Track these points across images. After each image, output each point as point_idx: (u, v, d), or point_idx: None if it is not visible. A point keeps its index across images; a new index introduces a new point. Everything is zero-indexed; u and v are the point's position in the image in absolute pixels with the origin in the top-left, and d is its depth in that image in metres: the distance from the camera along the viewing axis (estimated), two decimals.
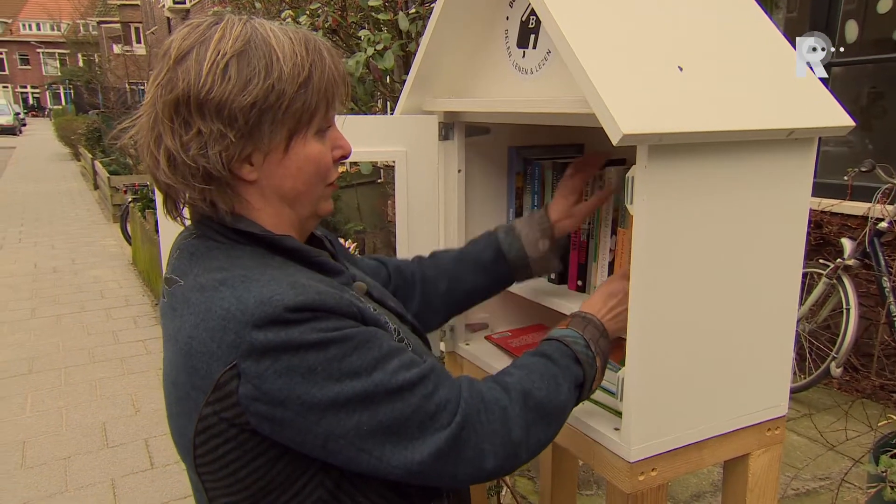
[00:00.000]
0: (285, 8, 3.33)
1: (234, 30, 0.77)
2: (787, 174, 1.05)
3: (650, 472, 1.05)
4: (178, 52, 0.77)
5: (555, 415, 0.88)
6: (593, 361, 0.96)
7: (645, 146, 0.91)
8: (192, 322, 0.74)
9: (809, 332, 3.80)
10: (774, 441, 1.17)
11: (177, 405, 0.78)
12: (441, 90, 1.36)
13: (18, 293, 5.88)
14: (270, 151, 0.80)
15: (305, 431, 0.73)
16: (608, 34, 0.98)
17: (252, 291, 0.73)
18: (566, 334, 0.98)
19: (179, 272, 0.81)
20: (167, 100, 0.76)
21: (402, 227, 1.36)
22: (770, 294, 1.10)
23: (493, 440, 0.80)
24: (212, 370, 0.72)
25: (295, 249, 0.84)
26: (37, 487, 2.93)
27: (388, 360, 0.76)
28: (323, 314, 0.74)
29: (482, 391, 0.83)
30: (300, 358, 0.71)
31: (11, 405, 3.72)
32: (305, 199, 0.85)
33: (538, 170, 1.40)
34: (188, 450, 0.78)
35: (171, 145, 0.77)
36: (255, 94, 0.76)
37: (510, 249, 1.15)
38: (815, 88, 1.07)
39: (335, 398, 0.72)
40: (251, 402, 0.71)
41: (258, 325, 0.70)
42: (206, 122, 0.76)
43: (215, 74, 0.75)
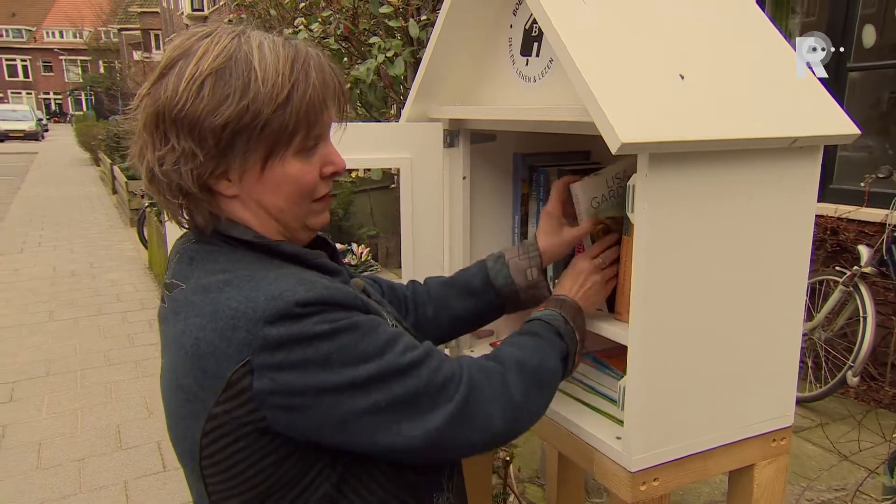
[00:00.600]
0: (299, 15, 3.36)
1: (220, 44, 0.76)
2: (792, 182, 1.04)
3: (652, 481, 1.04)
4: (166, 63, 0.77)
5: (547, 381, 0.94)
6: (573, 335, 1.01)
7: (645, 155, 0.91)
8: (198, 324, 0.75)
9: (825, 341, 3.75)
10: (780, 452, 1.16)
11: (183, 408, 0.79)
12: (446, 97, 1.37)
13: (38, 296, 5.97)
14: (246, 171, 0.80)
15: (324, 416, 0.75)
16: (609, 43, 0.98)
17: (261, 290, 0.74)
18: (545, 314, 1.03)
19: (180, 276, 0.82)
20: (149, 112, 0.77)
21: (407, 233, 1.37)
22: (775, 303, 1.09)
23: (497, 402, 0.85)
24: (222, 369, 0.73)
25: (292, 254, 0.84)
26: (51, 488, 2.97)
27: (396, 342, 0.80)
28: (331, 307, 0.76)
29: (480, 363, 0.89)
30: (314, 349, 0.73)
31: (28, 407, 3.77)
32: (289, 214, 0.84)
33: (543, 177, 1.40)
34: (192, 452, 0.78)
35: (150, 158, 0.78)
36: (228, 115, 0.75)
37: (497, 276, 1.13)
38: (819, 96, 1.06)
39: (352, 381, 0.75)
40: (267, 395, 0.73)
41: (270, 321, 0.72)
42: (179, 139, 0.76)
43: (190, 91, 0.75)
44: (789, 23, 4.67)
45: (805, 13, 4.64)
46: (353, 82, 2.57)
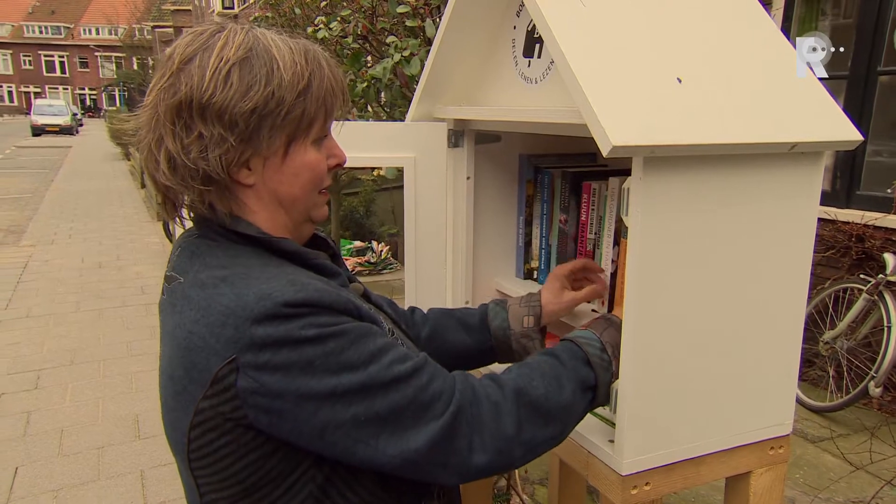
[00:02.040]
0: (321, 14, 3.39)
1: (237, 38, 0.80)
2: (791, 189, 1.02)
3: (643, 486, 1.03)
4: (182, 58, 0.79)
5: (553, 414, 0.87)
6: (609, 365, 0.94)
7: (640, 158, 0.91)
8: (191, 318, 0.77)
9: (847, 350, 3.67)
10: (778, 460, 1.15)
11: (173, 399, 0.80)
12: (451, 98, 1.37)
13: (66, 287, 6.12)
14: (269, 157, 0.83)
15: (303, 423, 0.75)
16: (607, 45, 0.98)
17: (252, 288, 0.75)
18: (581, 335, 0.97)
19: (180, 270, 0.84)
20: (170, 103, 0.79)
21: (410, 233, 1.38)
22: (774, 310, 1.07)
23: (483, 433, 0.81)
24: (210, 364, 0.74)
25: (293, 252, 0.86)
26: (71, 475, 3.04)
27: (384, 353, 0.78)
28: (320, 310, 0.76)
29: (475, 385, 0.85)
30: (299, 352, 0.73)
31: (52, 395, 3.87)
32: (300, 204, 0.87)
33: (548, 178, 1.40)
34: (182, 444, 0.80)
35: (172, 148, 0.79)
36: (256, 100, 0.78)
37: (495, 318, 1.15)
38: (821, 100, 1.04)
39: (333, 390, 0.74)
40: (250, 394, 0.73)
41: (257, 321, 0.73)
42: (208, 125, 0.78)
43: (218, 80, 0.77)
44: (819, 25, 4.59)
45: (835, 15, 4.55)
46: (370, 81, 2.59)
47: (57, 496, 2.89)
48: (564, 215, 1.37)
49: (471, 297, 1.47)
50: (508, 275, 1.52)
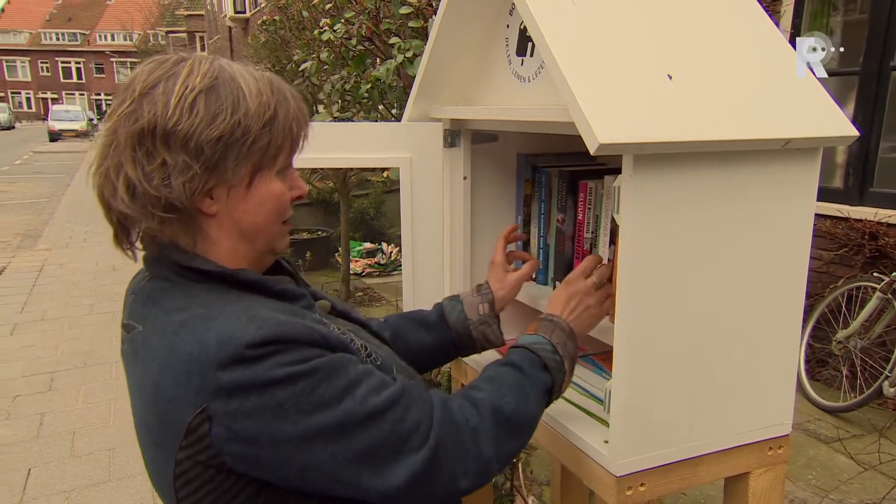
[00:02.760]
0: (326, 17, 3.40)
1: (203, 67, 0.79)
2: (787, 186, 1.01)
3: (639, 486, 1.02)
4: (145, 85, 0.78)
5: (524, 426, 0.90)
6: (561, 366, 0.97)
7: (630, 156, 0.90)
8: (156, 369, 0.75)
9: (861, 349, 3.63)
10: (777, 461, 1.13)
11: (153, 449, 0.79)
12: (447, 98, 1.37)
13: (80, 290, 6.19)
14: (234, 186, 0.81)
15: (281, 466, 0.74)
16: (597, 43, 0.97)
17: (212, 331, 0.73)
18: (534, 341, 0.98)
19: (137, 317, 0.82)
20: (131, 130, 0.77)
21: (407, 234, 1.38)
22: (771, 308, 1.06)
23: (465, 459, 0.82)
24: (182, 415, 0.73)
25: (253, 282, 0.83)
26: (82, 476, 3.08)
27: (356, 386, 0.77)
28: (287, 346, 0.74)
29: (453, 410, 0.84)
30: (269, 396, 0.72)
31: (66, 397, 3.92)
32: (263, 235, 0.86)
33: (545, 177, 1.40)
34: (169, 493, 0.79)
35: (132, 174, 0.77)
36: (222, 129, 0.77)
37: (451, 311, 1.18)
38: (817, 96, 1.03)
39: (306, 431, 0.73)
40: (225, 442, 0.73)
41: (222, 366, 0.71)
42: (172, 153, 0.76)
43: (183, 107, 0.76)
44: (830, 21, 4.53)
45: (847, 11, 4.49)
46: (374, 82, 2.59)
47: (69, 497, 2.92)
48: (562, 215, 1.36)
49: None
50: None
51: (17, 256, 7.54)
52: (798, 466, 3.10)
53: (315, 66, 3.14)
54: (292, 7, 5.04)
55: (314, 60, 3.12)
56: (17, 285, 6.35)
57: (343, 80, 2.94)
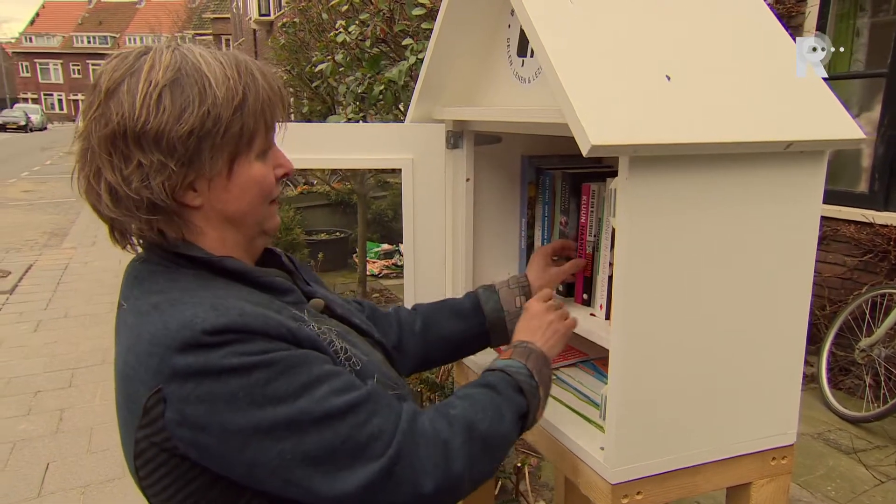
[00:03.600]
0: (342, 19, 3.42)
1: (164, 59, 0.77)
2: (790, 190, 0.98)
3: (635, 495, 1.01)
4: (109, 85, 0.76)
5: (497, 446, 0.86)
6: (536, 391, 0.94)
7: (626, 158, 0.88)
8: (126, 346, 0.76)
9: (885, 358, 3.53)
10: (780, 471, 1.10)
11: (122, 428, 0.79)
12: (449, 99, 1.37)
13: (103, 288, 6.29)
14: (214, 177, 0.80)
15: (230, 458, 0.72)
16: (595, 44, 0.96)
17: (176, 315, 0.73)
18: (509, 364, 0.95)
19: (124, 296, 0.82)
20: (103, 134, 0.76)
21: (409, 236, 1.37)
22: (774, 315, 1.03)
23: (432, 473, 0.78)
24: (139, 395, 0.72)
25: (236, 271, 0.83)
26: (98, 472, 3.12)
27: (316, 385, 0.74)
28: (246, 336, 0.72)
29: (423, 423, 0.81)
30: (222, 383, 0.70)
31: (84, 393, 3.98)
32: (251, 219, 0.85)
33: (549, 180, 1.38)
34: (134, 472, 0.78)
35: (111, 179, 0.76)
36: (192, 122, 0.75)
37: (487, 301, 1.17)
38: (822, 97, 1.00)
39: (257, 425, 0.71)
40: (176, 427, 0.71)
41: (179, 350, 0.70)
42: (146, 153, 0.75)
43: (149, 105, 0.74)
44: (857, 21, 4.44)
45: (875, 12, 4.39)
46: (387, 84, 2.60)
47: (84, 493, 2.96)
48: (565, 217, 1.34)
49: None
50: None
51: (43, 255, 7.70)
52: (817, 477, 3.03)
53: (331, 68, 3.16)
54: (312, 10, 5.08)
55: (330, 62, 3.14)
56: (43, 283, 6.48)
57: (357, 81, 2.95)
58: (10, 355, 4.57)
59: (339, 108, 3.78)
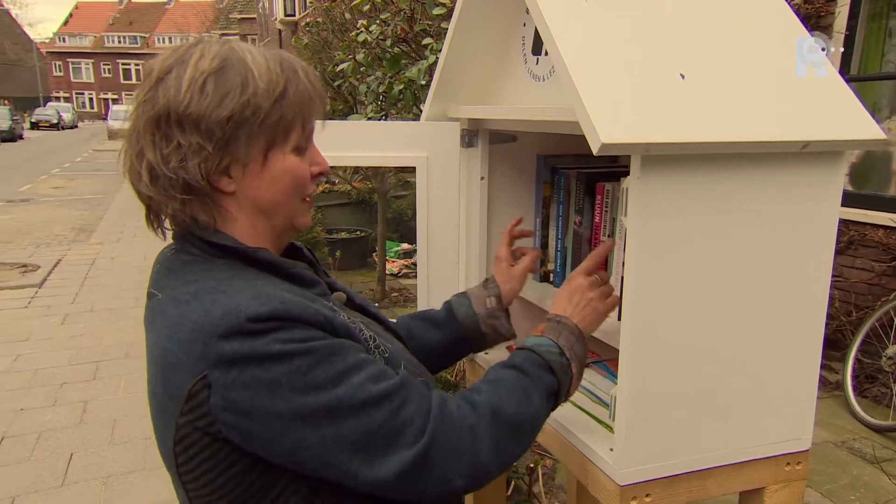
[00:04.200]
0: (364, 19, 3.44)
1: (213, 50, 0.81)
2: (806, 190, 0.97)
3: (644, 497, 1.00)
4: (160, 71, 0.81)
5: (526, 428, 0.88)
6: (568, 369, 0.94)
7: (637, 157, 0.88)
8: (166, 334, 0.78)
9: None
10: (795, 477, 1.08)
11: (158, 416, 0.81)
12: (465, 97, 1.37)
13: (128, 283, 6.41)
14: (248, 163, 0.83)
15: (272, 442, 0.75)
16: (608, 42, 0.95)
17: (218, 303, 0.75)
18: (539, 343, 0.96)
19: (158, 286, 0.85)
20: (149, 116, 0.80)
21: (422, 234, 1.38)
22: (789, 318, 1.02)
23: (460, 460, 0.81)
24: (184, 381, 0.74)
25: (269, 261, 0.85)
26: (120, 463, 3.18)
27: (354, 372, 0.77)
28: (288, 324, 0.75)
29: (451, 410, 0.83)
30: (265, 369, 0.73)
31: (108, 386, 4.05)
32: (282, 210, 0.87)
33: (564, 179, 1.38)
34: (170, 459, 0.80)
35: (152, 158, 0.80)
36: (232, 108, 0.79)
37: (460, 307, 1.18)
38: (840, 97, 0.98)
39: (299, 410, 0.74)
40: (220, 412, 0.74)
41: (224, 336, 0.73)
42: (185, 135, 0.79)
43: (194, 90, 0.79)
44: (889, 22, 4.35)
45: None
46: (406, 83, 2.61)
47: (106, 483, 3.02)
48: (579, 217, 1.34)
49: None
50: None
51: (71, 249, 7.86)
52: (840, 486, 2.97)
53: (352, 68, 3.18)
54: (335, 10, 5.12)
55: (351, 61, 3.16)
56: (70, 277, 6.62)
57: (378, 80, 2.96)
58: (38, 347, 4.68)
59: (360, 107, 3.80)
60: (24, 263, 7.09)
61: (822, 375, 3.95)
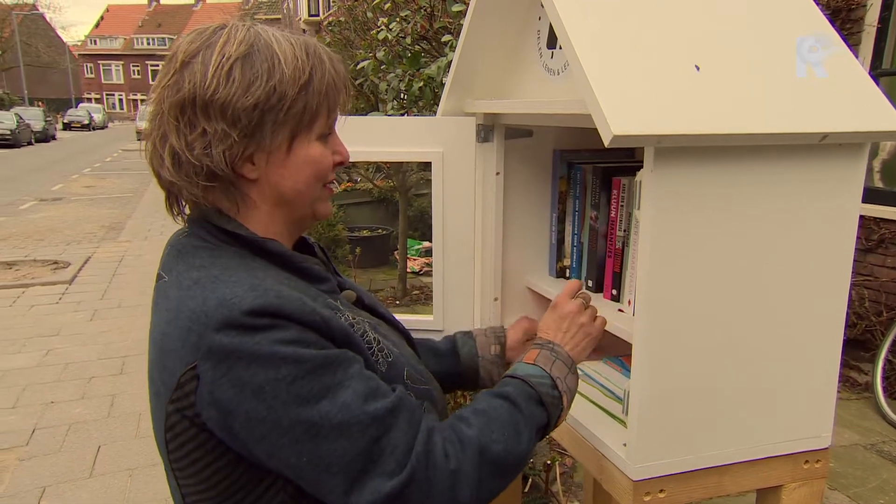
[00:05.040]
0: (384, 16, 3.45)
1: (239, 35, 0.80)
2: (825, 184, 0.95)
3: (657, 493, 0.99)
4: (185, 56, 0.79)
5: (510, 466, 0.84)
6: (559, 402, 0.91)
7: (651, 149, 0.87)
8: (165, 318, 0.77)
9: None
10: (814, 475, 1.06)
11: (153, 401, 0.81)
12: (481, 91, 1.36)
13: (153, 281, 6.51)
14: (273, 151, 0.82)
15: (250, 445, 0.74)
16: (622, 32, 0.94)
17: (216, 293, 0.74)
18: (531, 374, 0.92)
19: (166, 268, 0.84)
20: (173, 101, 0.79)
21: (438, 229, 1.38)
22: (808, 313, 1.00)
23: (438, 499, 0.77)
24: (175, 368, 0.74)
25: (278, 253, 0.84)
26: (145, 455, 3.24)
27: (340, 390, 0.74)
28: (282, 321, 0.73)
29: (436, 445, 0.79)
30: (252, 372, 0.72)
31: (134, 380, 4.13)
32: (304, 198, 0.86)
33: (580, 174, 1.37)
34: (163, 446, 0.80)
35: (176, 144, 0.79)
36: (258, 96, 0.78)
37: (463, 346, 1.16)
38: (862, 87, 0.96)
39: (278, 421, 0.72)
40: (206, 405, 0.73)
41: (217, 328, 0.72)
42: (211, 122, 0.78)
43: (220, 76, 0.77)
44: None
45: None
46: (426, 80, 2.61)
47: (132, 475, 3.08)
48: (595, 212, 1.33)
49: (499, 295, 1.45)
50: (541, 273, 1.49)
51: (100, 247, 8.02)
52: (869, 489, 2.91)
53: (372, 65, 3.19)
54: (357, 9, 5.15)
55: (372, 59, 3.17)
56: (100, 274, 6.76)
57: (398, 78, 2.97)
58: (69, 342, 4.78)
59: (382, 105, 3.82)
60: (55, 260, 7.26)
61: (851, 376, 3.86)
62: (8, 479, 3.03)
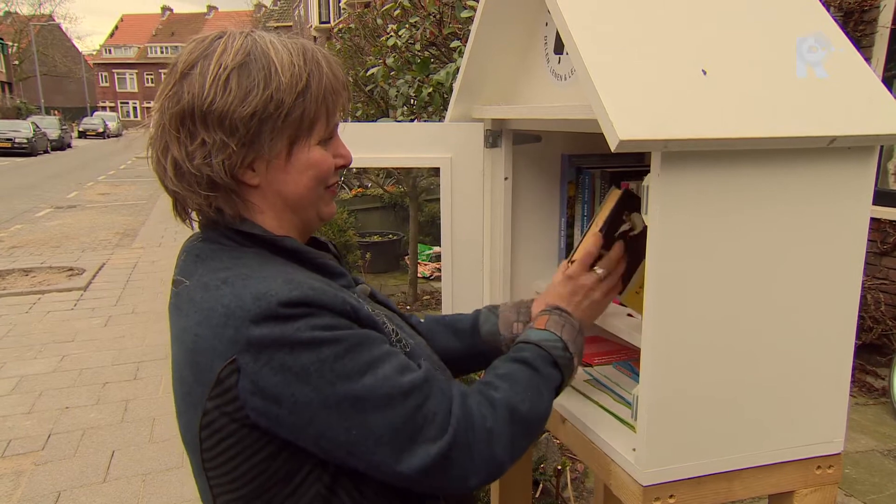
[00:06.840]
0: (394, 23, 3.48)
1: (236, 43, 0.81)
2: (835, 188, 0.94)
3: (667, 498, 0.98)
4: (184, 66, 0.81)
5: (536, 425, 0.89)
6: (570, 363, 0.96)
7: (658, 154, 0.87)
8: (196, 320, 0.78)
9: None
10: (826, 481, 1.05)
11: (183, 401, 0.82)
12: (489, 97, 1.37)
13: (167, 286, 6.52)
14: (272, 158, 0.83)
15: (299, 429, 0.76)
16: (628, 35, 0.94)
17: (249, 288, 0.76)
18: (545, 338, 0.96)
19: (185, 274, 0.85)
20: (174, 112, 0.80)
21: (447, 235, 1.38)
22: (818, 317, 0.99)
23: (479, 459, 0.82)
24: (213, 365, 0.75)
25: (296, 250, 0.86)
26: (158, 460, 3.26)
27: (380, 364, 0.78)
28: (317, 310, 0.76)
29: (472, 409, 0.83)
30: (294, 356, 0.74)
31: (148, 385, 4.17)
32: (307, 202, 0.88)
33: (588, 178, 1.37)
34: (195, 445, 0.81)
35: (177, 155, 0.81)
36: (255, 105, 0.79)
37: (485, 323, 1.14)
38: (870, 90, 0.95)
39: (325, 400, 0.74)
40: (249, 396, 0.75)
41: (255, 321, 0.74)
42: (210, 132, 0.79)
43: (217, 86, 0.79)
44: None
45: None
46: (435, 86, 2.62)
47: (145, 480, 3.10)
48: None
49: (509, 300, 1.46)
50: (550, 277, 1.48)
51: (115, 254, 8.10)
52: (886, 496, 2.87)
53: (382, 72, 3.21)
54: (367, 16, 5.18)
55: (381, 66, 3.19)
56: (114, 280, 6.83)
57: (408, 84, 2.99)
58: (83, 348, 4.83)
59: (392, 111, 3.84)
60: (70, 267, 7.34)
61: (867, 381, 3.82)
62: (24, 483, 3.06)
